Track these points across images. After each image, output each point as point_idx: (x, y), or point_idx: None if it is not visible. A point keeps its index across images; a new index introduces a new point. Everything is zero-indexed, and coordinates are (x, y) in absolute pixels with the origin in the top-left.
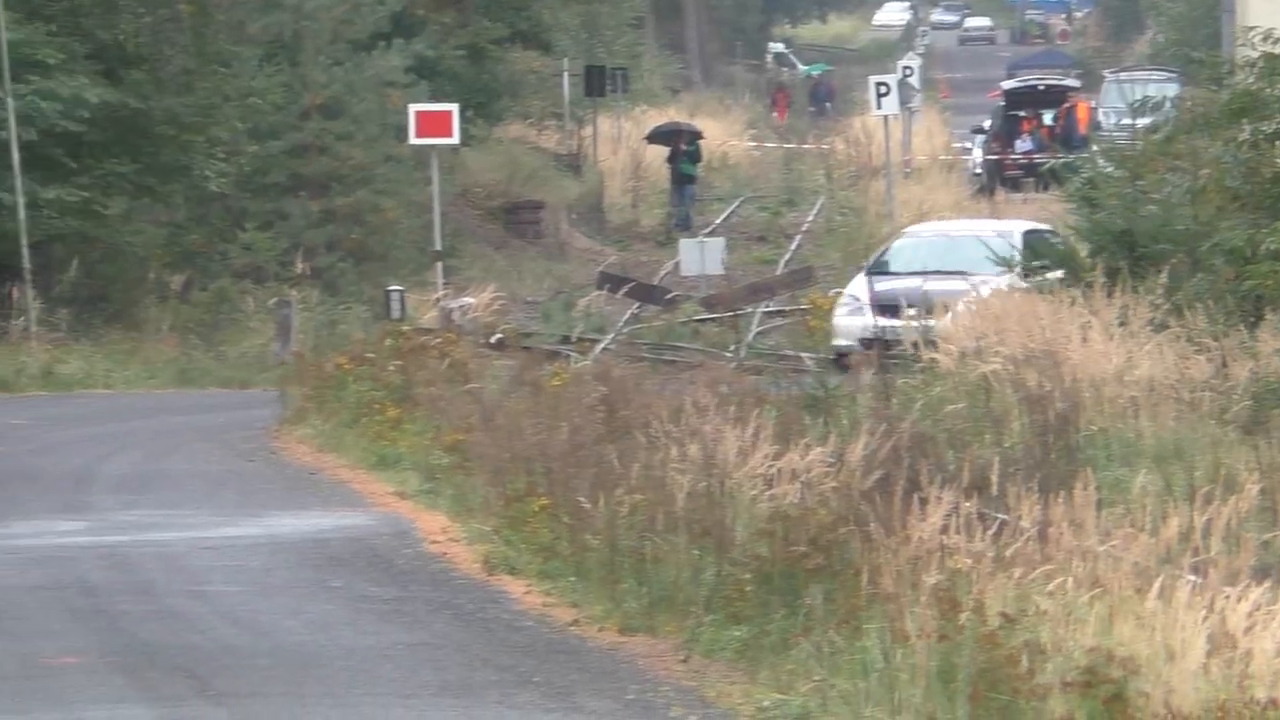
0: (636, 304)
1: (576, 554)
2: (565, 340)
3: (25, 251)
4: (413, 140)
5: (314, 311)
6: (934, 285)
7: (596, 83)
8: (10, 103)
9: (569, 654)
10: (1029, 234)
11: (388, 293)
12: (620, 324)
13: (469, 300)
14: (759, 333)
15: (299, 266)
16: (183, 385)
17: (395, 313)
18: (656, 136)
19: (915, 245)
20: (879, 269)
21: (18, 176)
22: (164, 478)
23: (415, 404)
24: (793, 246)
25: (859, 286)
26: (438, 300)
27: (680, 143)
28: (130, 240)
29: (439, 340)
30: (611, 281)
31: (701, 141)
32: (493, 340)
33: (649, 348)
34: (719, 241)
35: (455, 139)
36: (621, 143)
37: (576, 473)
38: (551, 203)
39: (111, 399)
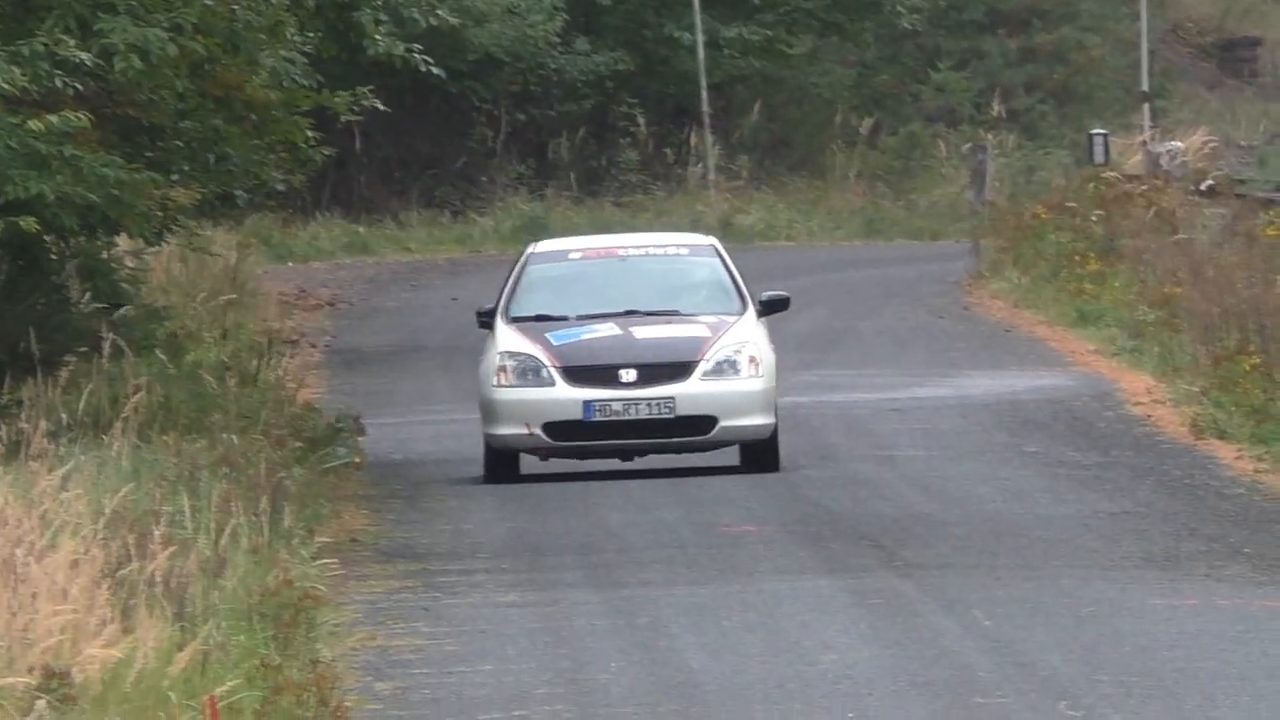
0: None
1: None
2: None
3: (704, 94)
4: None
5: (1010, 157)
6: (650, 333)
7: None
8: None
9: None
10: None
11: (1090, 136)
12: None
13: (1177, 144)
14: None
15: (995, 109)
16: (869, 237)
17: (1098, 158)
18: None
19: (565, 273)
20: (521, 313)
21: (697, 13)
22: (848, 335)
23: (1119, 256)
24: None
25: (514, 338)
26: (1144, 144)
27: None
28: (816, 82)
29: (1145, 187)
30: None
31: None
32: (1203, 187)
33: None
34: None
35: None
36: None
37: None
38: (1270, 39)
39: (793, 252)
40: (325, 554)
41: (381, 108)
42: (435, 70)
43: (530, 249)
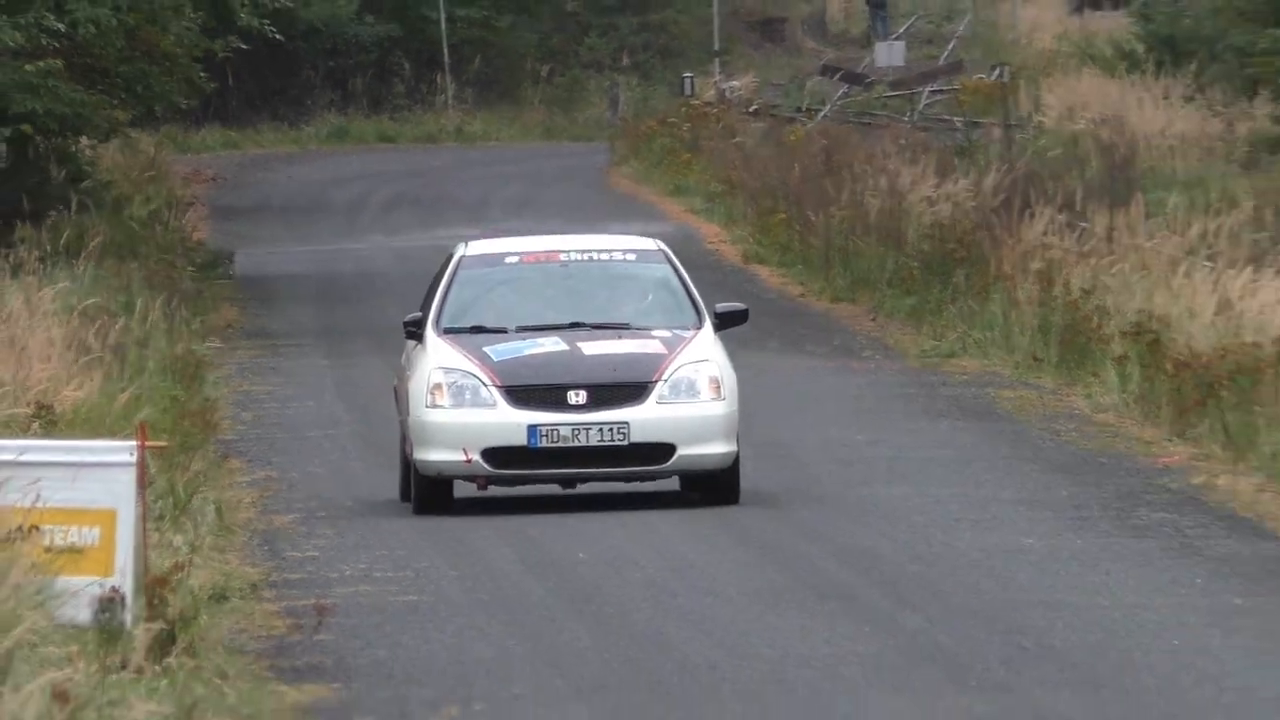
0: (846, 85)
1: (804, 250)
2: (799, 110)
3: (445, 50)
4: None
5: (634, 91)
6: (600, 349)
7: None
8: None
9: (798, 316)
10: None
11: (683, 78)
12: (835, 98)
13: (735, 83)
14: (926, 105)
15: (625, 60)
16: (548, 140)
17: (687, 92)
18: None
19: (502, 279)
20: (455, 324)
21: (441, 2)
22: (533, 202)
23: (700, 152)
24: (949, 47)
25: (449, 353)
26: (715, 83)
27: None
28: (514, 44)
29: (716, 110)
30: (830, 70)
31: None
32: (751, 110)
33: (854, 114)
34: (901, 44)
35: None
36: None
37: (805, 197)
38: (791, 18)
39: (501, 149)
40: (211, 334)
41: (244, 47)
42: (279, 36)
43: (461, 250)
